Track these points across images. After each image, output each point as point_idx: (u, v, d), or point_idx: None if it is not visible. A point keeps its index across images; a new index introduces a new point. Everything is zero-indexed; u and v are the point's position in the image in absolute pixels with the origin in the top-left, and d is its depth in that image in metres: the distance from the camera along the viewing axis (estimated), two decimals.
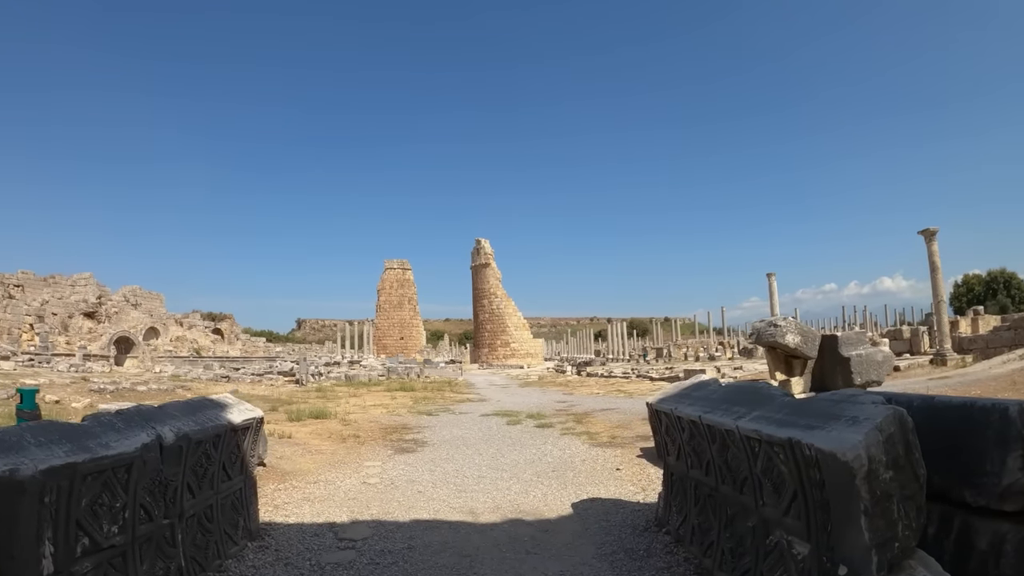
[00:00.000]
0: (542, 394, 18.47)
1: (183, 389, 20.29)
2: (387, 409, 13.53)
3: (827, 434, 2.41)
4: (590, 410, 12.39)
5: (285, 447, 8.13)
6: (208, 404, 4.06)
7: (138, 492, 3.01)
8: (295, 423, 10.67)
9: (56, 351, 35.04)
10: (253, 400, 16.54)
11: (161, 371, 31.41)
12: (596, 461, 6.78)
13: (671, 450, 3.99)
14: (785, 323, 7.43)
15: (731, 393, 3.42)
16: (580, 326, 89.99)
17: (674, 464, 3.96)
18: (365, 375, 27.05)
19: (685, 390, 4.00)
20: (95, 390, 18.57)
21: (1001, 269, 58.54)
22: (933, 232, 21.17)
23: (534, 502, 5.06)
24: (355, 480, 6.05)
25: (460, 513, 4.76)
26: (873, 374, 7.63)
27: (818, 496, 2.47)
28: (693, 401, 3.63)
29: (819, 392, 4.67)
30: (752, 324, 7.87)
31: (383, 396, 17.41)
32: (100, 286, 49.51)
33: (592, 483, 5.72)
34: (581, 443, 8.09)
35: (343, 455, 7.52)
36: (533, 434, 9.06)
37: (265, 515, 4.91)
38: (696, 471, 3.62)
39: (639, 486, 5.53)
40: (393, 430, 9.75)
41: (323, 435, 9.25)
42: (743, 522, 3.13)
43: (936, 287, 21.24)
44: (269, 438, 9.05)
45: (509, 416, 11.58)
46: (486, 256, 50.83)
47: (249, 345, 51.27)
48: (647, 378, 23.44)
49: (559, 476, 6.04)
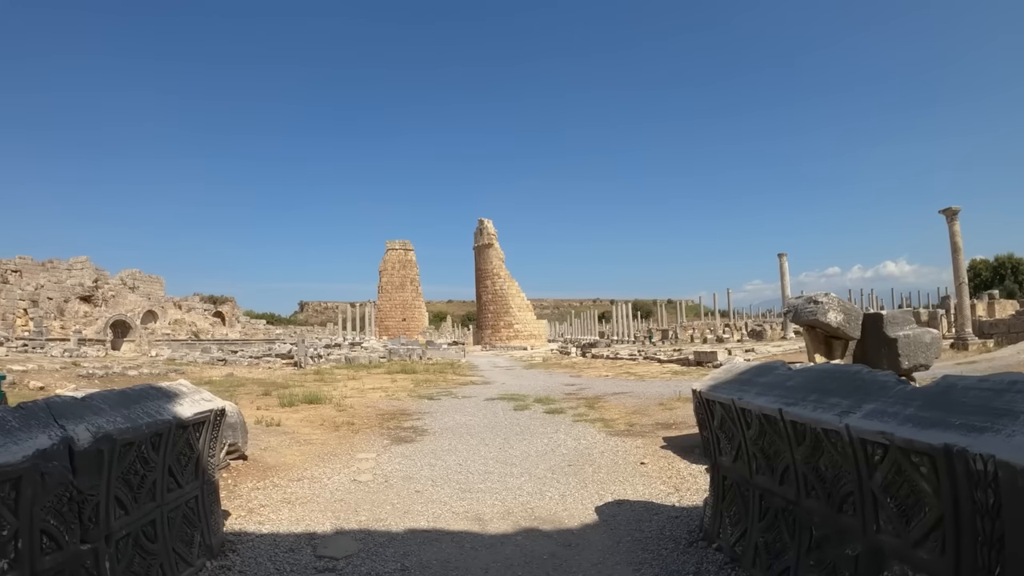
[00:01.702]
0: (548, 376, 17.77)
1: (176, 373, 19.63)
2: (386, 393, 12.83)
3: (1009, 440, 1.63)
4: (601, 394, 11.65)
5: (272, 436, 7.41)
6: (151, 394, 3.28)
7: (35, 514, 2.25)
8: (287, 409, 9.96)
9: (51, 336, 34.43)
10: (247, 384, 15.87)
11: (157, 355, 30.78)
12: (616, 453, 6.03)
13: (725, 449, 3.22)
14: (827, 299, 6.62)
15: (816, 379, 2.63)
16: (583, 307, 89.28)
17: (729, 466, 3.19)
18: (366, 357, 26.38)
19: (744, 374, 3.21)
20: (84, 375, 17.94)
21: (1009, 255, 57.76)
22: (955, 212, 20.22)
23: (551, 505, 4.31)
24: (344, 476, 5.31)
25: (464, 520, 4.02)
26: (921, 357, 6.85)
27: (987, 528, 1.70)
28: (763, 389, 2.84)
29: None
30: (788, 301, 7.07)
31: (383, 379, 16.71)
32: (98, 269, 48.73)
33: (615, 480, 4.97)
34: (596, 431, 7.34)
35: (334, 445, 6.80)
36: (543, 421, 8.32)
37: (236, 522, 4.18)
38: (764, 477, 2.85)
39: (670, 485, 4.78)
40: (391, 416, 9.03)
41: (315, 422, 8.54)
42: (837, 548, 2.37)
43: (958, 268, 20.36)
44: (256, 426, 8.34)
45: (516, 400, 10.85)
46: (489, 236, 49.90)
47: (249, 328, 50.65)
48: (655, 360, 22.72)
49: (577, 471, 5.29)
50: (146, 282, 51.05)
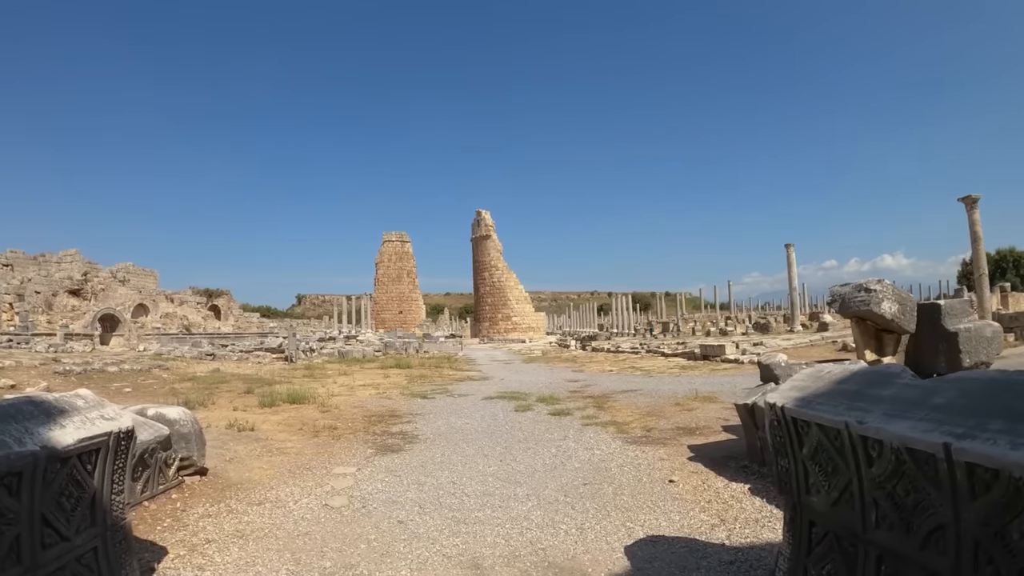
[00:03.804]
0: (549, 371, 16.89)
1: (160, 368, 18.72)
2: (377, 390, 11.94)
3: None
4: (609, 392, 10.78)
5: (242, 444, 6.52)
6: (24, 412, 2.37)
7: None
8: (266, 410, 9.07)
9: (37, 331, 33.43)
10: (231, 380, 14.92)
11: (144, 349, 29.84)
12: (638, 466, 5.15)
13: (819, 487, 2.32)
14: (880, 287, 5.72)
15: (983, 394, 1.74)
16: (581, 300, 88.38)
17: (825, 511, 2.30)
18: (360, 351, 25.50)
19: (845, 383, 2.31)
20: (60, 372, 17.01)
21: (1010, 248, 57.28)
22: (975, 199, 19.29)
23: (567, 544, 3.42)
24: (315, 499, 4.42)
25: (458, 567, 3.12)
26: (983, 353, 5.96)
27: None
28: (893, 408, 1.95)
29: None
30: (831, 289, 6.18)
31: (375, 374, 15.82)
32: (88, 263, 47.64)
33: (643, 506, 4.08)
34: (610, 438, 6.46)
35: (310, 456, 5.90)
36: (548, 424, 7.43)
37: (172, 565, 3.28)
38: (890, 535, 1.96)
39: (712, 513, 3.90)
40: (379, 419, 8.14)
41: (294, 426, 7.64)
42: None
43: (977, 258, 19.45)
44: (227, 431, 7.43)
45: (516, 399, 9.96)
46: (487, 228, 48.92)
47: (242, 321, 49.66)
48: (659, 354, 21.86)
49: (594, 493, 4.40)
50: (139, 275, 49.98)
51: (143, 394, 12.38)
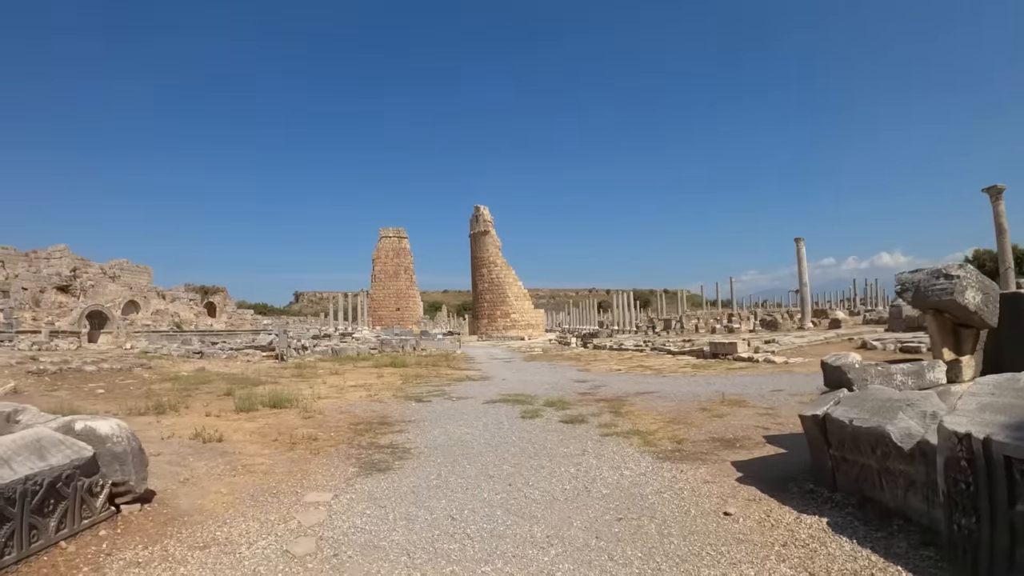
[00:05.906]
0: (553, 370, 15.93)
1: (143, 367, 17.72)
2: (368, 392, 10.96)
3: None
4: (622, 394, 9.82)
5: (204, 459, 5.55)
6: None
7: None
8: (242, 416, 8.10)
9: (21, 328, 32.37)
10: (214, 381, 13.87)
11: (132, 347, 28.83)
12: (680, 493, 4.19)
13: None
14: (963, 273, 4.77)
15: None
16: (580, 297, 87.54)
17: None
18: (355, 349, 24.54)
19: None
20: (34, 371, 16.02)
21: (1014, 245, 56.55)
22: (1000, 190, 18.39)
23: None
24: (274, 541, 3.45)
25: None
26: None
27: None
28: None
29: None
30: (899, 276, 5.22)
31: (368, 374, 14.85)
32: (78, 259, 46.56)
33: (701, 552, 3.12)
34: (637, 452, 5.49)
35: (280, 476, 4.93)
36: (561, 434, 6.47)
37: None
38: None
39: (794, 563, 2.93)
40: (367, 427, 7.17)
41: (268, 436, 6.68)
42: None
43: (1003, 251, 18.57)
44: (191, 442, 6.42)
45: (522, 403, 9.00)
46: (485, 223, 47.91)
47: (236, 318, 48.60)
48: (666, 352, 20.90)
49: (634, 533, 3.44)
50: (131, 272, 48.92)
51: (117, 396, 11.38)
